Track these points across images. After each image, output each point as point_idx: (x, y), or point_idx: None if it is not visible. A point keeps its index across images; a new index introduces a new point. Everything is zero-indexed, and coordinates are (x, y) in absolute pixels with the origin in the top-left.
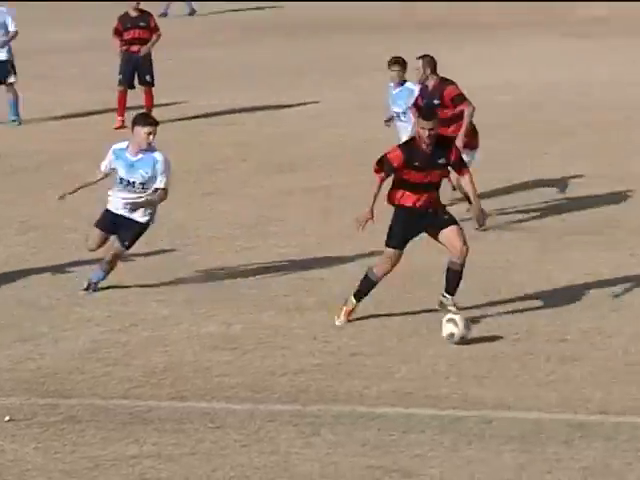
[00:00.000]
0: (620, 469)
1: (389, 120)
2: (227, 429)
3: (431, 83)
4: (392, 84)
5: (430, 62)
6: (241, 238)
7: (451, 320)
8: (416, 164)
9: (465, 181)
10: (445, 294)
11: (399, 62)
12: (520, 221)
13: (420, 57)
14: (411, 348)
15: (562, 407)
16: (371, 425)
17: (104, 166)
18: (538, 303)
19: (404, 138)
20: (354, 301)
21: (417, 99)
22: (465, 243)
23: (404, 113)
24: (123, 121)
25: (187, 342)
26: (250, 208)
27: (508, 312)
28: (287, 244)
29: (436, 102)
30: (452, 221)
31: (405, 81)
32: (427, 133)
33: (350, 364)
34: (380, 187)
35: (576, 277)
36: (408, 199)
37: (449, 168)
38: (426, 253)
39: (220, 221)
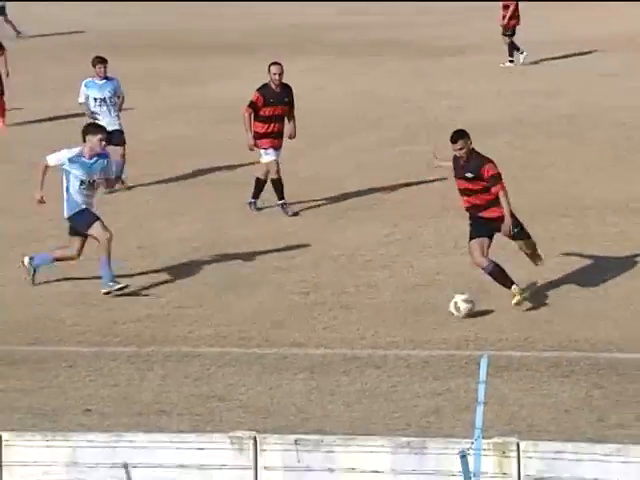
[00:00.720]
0: (387, 390)
1: (89, 109)
2: (78, 367)
3: (281, 87)
4: (95, 77)
5: (283, 68)
6: None
7: (455, 303)
8: (454, 174)
9: (506, 199)
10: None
11: (103, 60)
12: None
13: (277, 63)
14: (226, 301)
15: (342, 344)
16: (193, 362)
17: None
18: (323, 264)
19: (108, 121)
20: (515, 288)
21: (257, 99)
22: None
23: (108, 100)
24: None
25: (47, 298)
26: None
27: (300, 271)
28: None
29: (286, 100)
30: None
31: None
32: (458, 153)
33: (176, 314)
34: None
35: (352, 243)
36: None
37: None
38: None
39: None
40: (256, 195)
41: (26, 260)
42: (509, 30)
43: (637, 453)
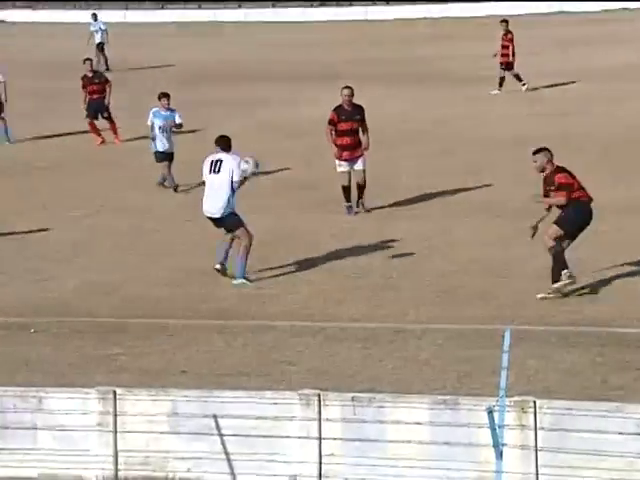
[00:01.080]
0: (426, 357)
1: (154, 136)
2: (177, 337)
3: (352, 105)
4: (161, 108)
5: (353, 90)
6: None
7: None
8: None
9: (554, 199)
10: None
11: (167, 95)
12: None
13: (347, 87)
14: (294, 282)
15: (390, 319)
16: (268, 333)
17: None
18: (375, 253)
19: (159, 143)
20: (565, 278)
21: (332, 116)
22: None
23: (170, 127)
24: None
25: (150, 281)
26: None
27: (356, 259)
28: None
29: (358, 117)
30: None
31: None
32: (534, 165)
33: (254, 294)
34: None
35: (399, 236)
36: None
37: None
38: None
39: None
40: (347, 199)
41: (234, 281)
42: (504, 65)
43: (633, 410)
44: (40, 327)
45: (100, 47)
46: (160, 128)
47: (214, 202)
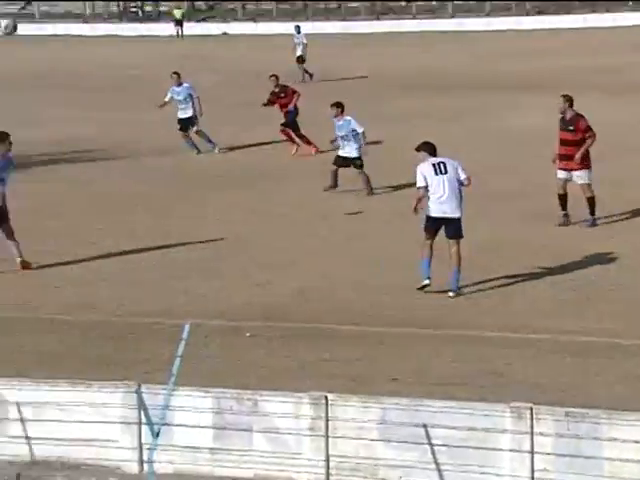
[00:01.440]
0: (605, 371)
1: (334, 140)
2: (386, 344)
3: (568, 115)
4: (335, 118)
5: (569, 99)
6: None
7: None
8: None
9: None
10: None
11: (338, 105)
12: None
13: (562, 95)
14: (507, 294)
15: (607, 334)
16: (477, 343)
17: None
18: (590, 266)
19: (348, 150)
20: None
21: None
22: None
23: (346, 136)
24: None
25: (355, 288)
26: None
27: (571, 270)
28: None
29: (571, 128)
30: None
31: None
32: None
33: (466, 304)
34: None
35: (617, 250)
36: None
37: None
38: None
39: None
40: (562, 207)
41: (451, 294)
42: None
43: None
44: (255, 331)
45: (300, 60)
46: (341, 137)
47: (452, 202)
